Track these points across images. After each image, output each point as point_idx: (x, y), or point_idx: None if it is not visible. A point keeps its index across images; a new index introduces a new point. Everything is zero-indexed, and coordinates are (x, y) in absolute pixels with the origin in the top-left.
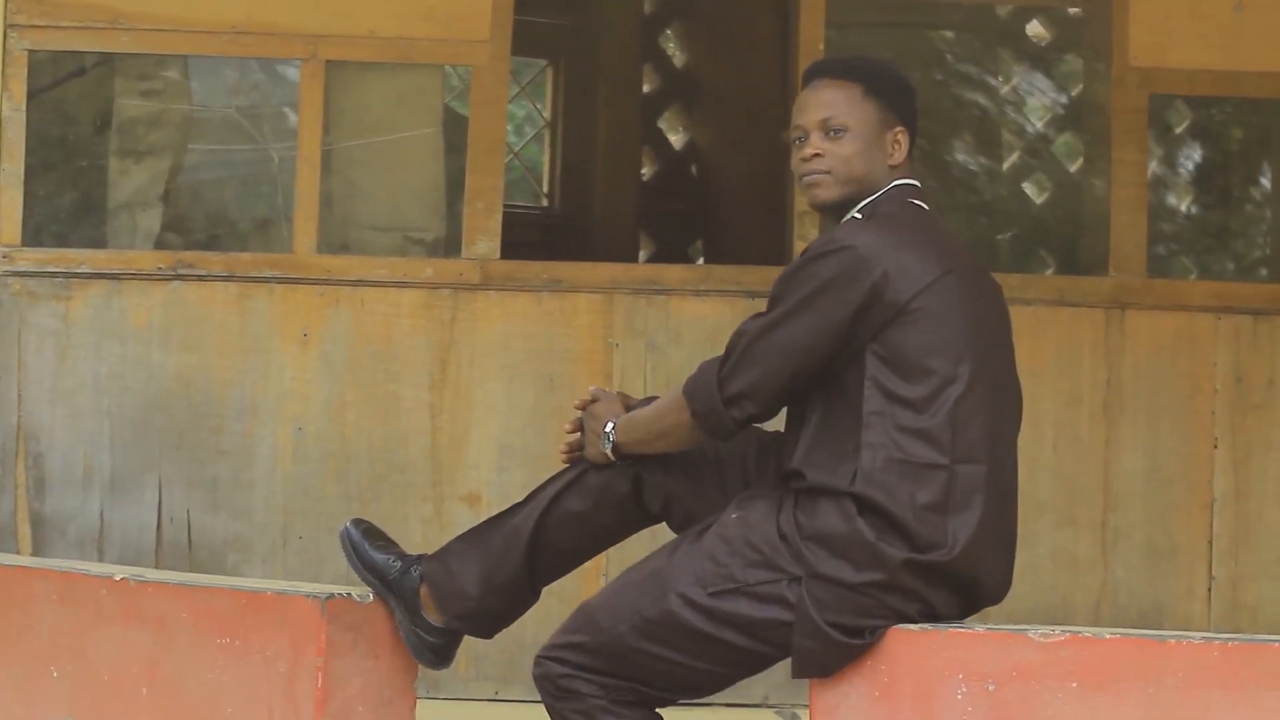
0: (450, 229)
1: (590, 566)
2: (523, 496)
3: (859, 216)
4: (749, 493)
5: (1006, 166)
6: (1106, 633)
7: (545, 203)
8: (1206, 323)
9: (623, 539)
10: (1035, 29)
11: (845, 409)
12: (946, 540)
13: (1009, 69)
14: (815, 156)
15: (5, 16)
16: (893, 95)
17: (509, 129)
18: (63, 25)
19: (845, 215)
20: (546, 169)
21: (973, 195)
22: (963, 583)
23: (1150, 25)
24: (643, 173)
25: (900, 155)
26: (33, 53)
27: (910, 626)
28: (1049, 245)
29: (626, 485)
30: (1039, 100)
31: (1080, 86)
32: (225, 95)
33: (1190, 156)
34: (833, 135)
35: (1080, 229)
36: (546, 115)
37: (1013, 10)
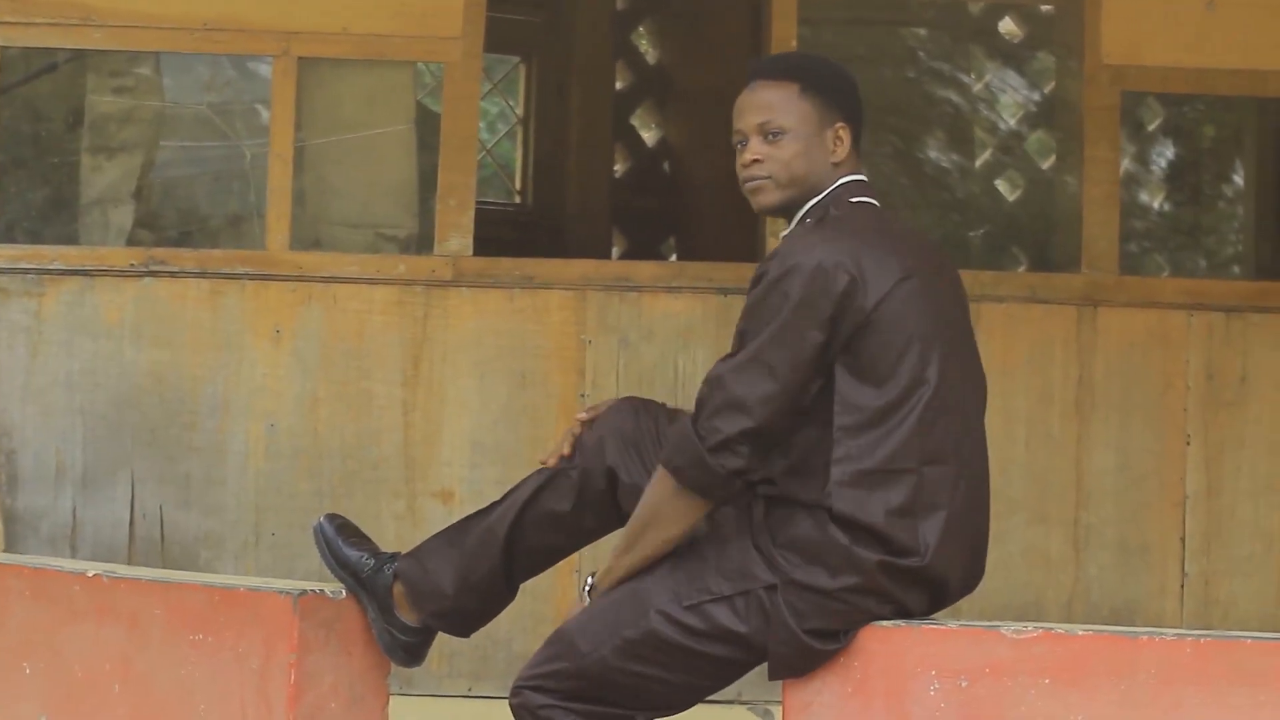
0: (422, 226)
1: (563, 565)
2: (496, 493)
3: (809, 221)
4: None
5: (979, 164)
6: (1079, 629)
7: (518, 199)
8: (1178, 320)
9: (599, 538)
10: (1007, 26)
11: (813, 424)
12: (919, 543)
13: (981, 66)
14: (755, 162)
15: None
16: (830, 91)
17: (481, 126)
18: (35, 21)
19: (794, 216)
20: (519, 166)
21: (945, 192)
22: (935, 581)
23: (1122, 23)
24: (615, 169)
25: (843, 151)
26: (4, 49)
27: (883, 624)
28: (1021, 242)
29: (603, 484)
30: (1011, 97)
31: (1052, 84)
32: (197, 92)
33: (1162, 154)
34: (771, 138)
35: (1052, 226)
36: (519, 112)
37: (985, 7)
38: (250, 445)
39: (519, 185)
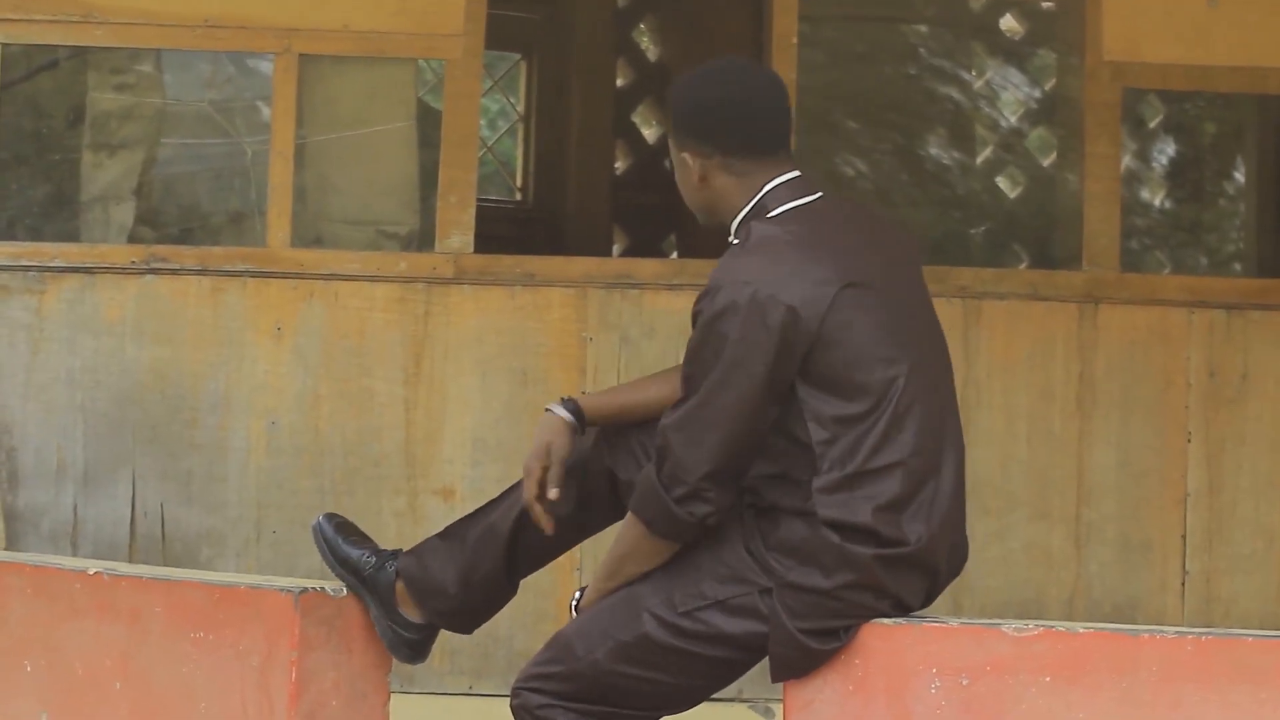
0: (423, 223)
1: (565, 561)
2: (497, 491)
3: (735, 243)
4: None
5: (980, 161)
6: (1080, 627)
7: (519, 197)
8: (1180, 317)
9: (601, 530)
10: (1009, 23)
11: (791, 443)
12: (909, 532)
13: (982, 63)
14: None
15: None
16: (679, 118)
17: (482, 123)
18: (35, 19)
19: (729, 229)
20: (520, 163)
21: (946, 189)
22: (927, 568)
23: (1123, 19)
24: (616, 167)
25: (695, 176)
26: (5, 46)
27: (884, 621)
28: (1022, 239)
29: (604, 486)
30: (1012, 94)
31: (1053, 81)
32: (198, 89)
33: (1163, 151)
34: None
35: (1053, 223)
36: (520, 109)
37: (986, 4)
38: (251, 442)
39: (520, 182)
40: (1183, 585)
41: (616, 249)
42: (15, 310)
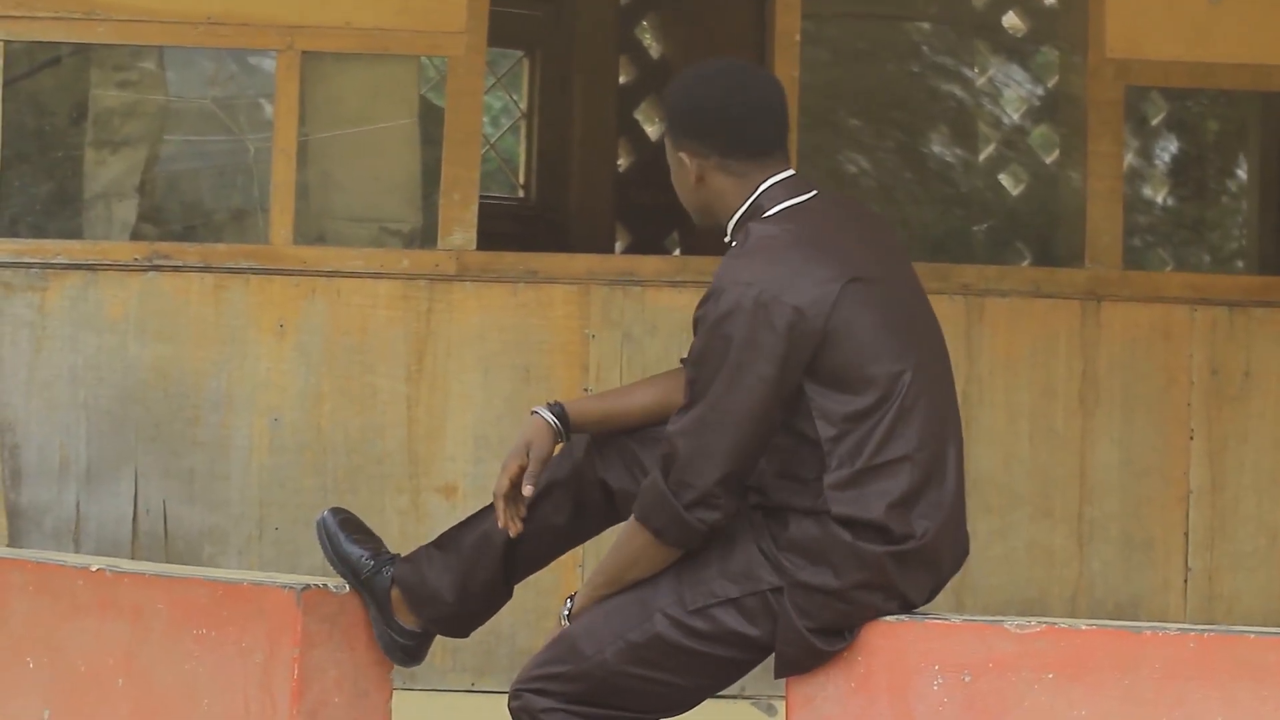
0: (426, 220)
1: (568, 559)
2: None
3: (734, 245)
4: None
5: (982, 158)
6: (1082, 624)
7: (521, 194)
8: (1182, 315)
9: (593, 538)
10: (1011, 21)
11: (798, 441)
12: (918, 528)
13: (985, 61)
14: None
15: None
16: (675, 119)
17: (485, 120)
18: (38, 15)
19: (725, 231)
20: (522, 160)
21: (949, 187)
22: (934, 562)
23: (1126, 17)
24: (619, 164)
25: (692, 176)
26: (8, 43)
27: (887, 619)
28: (1025, 237)
29: (599, 495)
30: (1015, 92)
31: (1056, 78)
32: (201, 86)
33: (1166, 148)
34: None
35: (1056, 221)
36: (523, 106)
37: (989, 2)
38: (254, 440)
39: (522, 180)
40: (1185, 583)
41: (619, 246)
42: (18, 307)
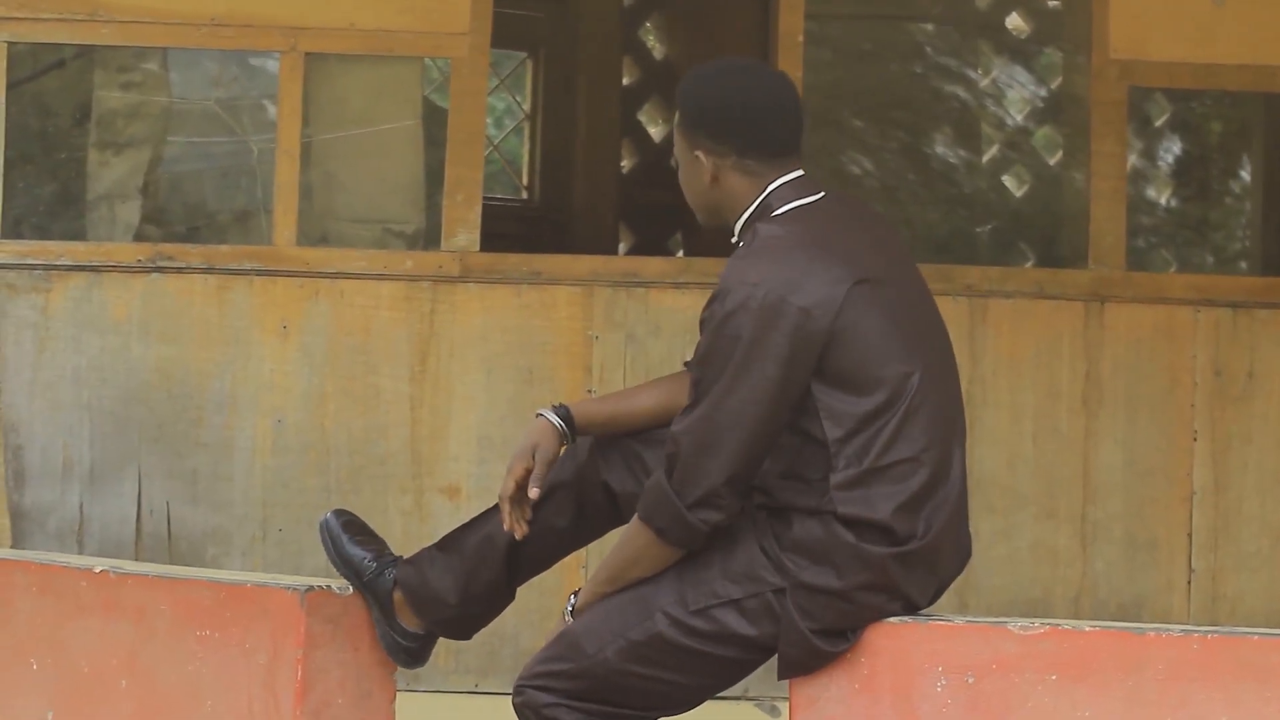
0: (430, 221)
1: (570, 559)
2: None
3: (741, 245)
4: None
5: (986, 159)
6: (1086, 625)
7: (525, 195)
8: (1186, 315)
9: (596, 540)
10: (1015, 22)
11: (804, 441)
12: (922, 530)
13: (989, 62)
14: None
15: None
16: (693, 116)
17: (488, 121)
18: (42, 17)
19: (732, 230)
20: (526, 161)
21: (952, 188)
22: (937, 564)
23: (1129, 18)
24: (622, 165)
25: (707, 175)
26: (11, 45)
27: (890, 620)
28: (1028, 238)
29: (601, 497)
30: (1018, 93)
31: (1060, 79)
32: (205, 87)
33: (1170, 149)
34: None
35: (1060, 222)
36: (526, 107)
37: (992, 2)
38: (257, 441)
39: (526, 181)
40: (1189, 584)
41: (623, 247)
42: (21, 308)
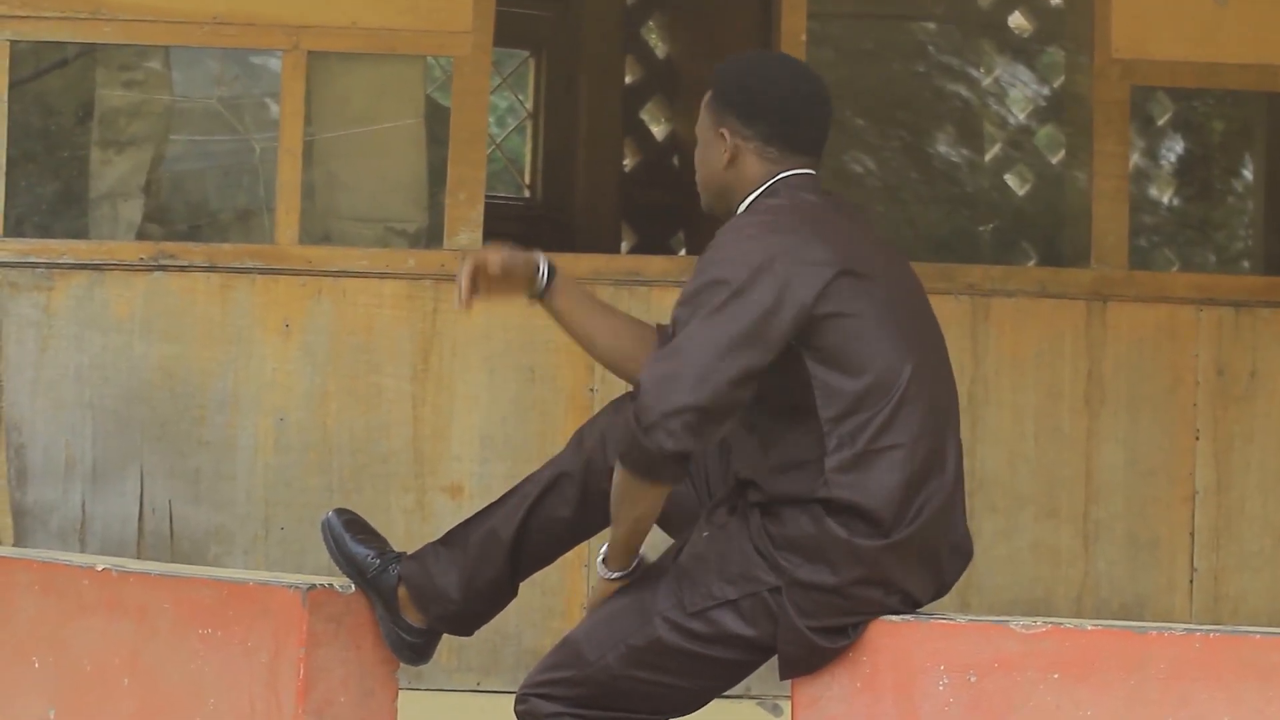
0: (432, 220)
1: (573, 558)
2: (505, 488)
3: (742, 210)
4: (714, 504)
5: (988, 158)
6: (1088, 624)
7: (527, 194)
8: (1188, 315)
9: (599, 532)
10: (1017, 21)
11: (797, 417)
12: (914, 519)
13: (991, 61)
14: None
15: None
16: (728, 95)
17: (491, 120)
18: (44, 16)
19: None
20: (528, 160)
21: (955, 187)
22: (931, 556)
23: (1132, 17)
24: (624, 164)
25: (726, 155)
26: (14, 43)
27: (892, 618)
28: (1031, 237)
29: (606, 484)
30: (1021, 92)
31: (1062, 78)
32: (207, 86)
33: (1172, 148)
34: (697, 145)
35: (1062, 221)
36: (528, 106)
37: (994, 2)
38: (259, 440)
39: (528, 180)
40: (1191, 583)
41: (625, 246)
42: (24, 307)
